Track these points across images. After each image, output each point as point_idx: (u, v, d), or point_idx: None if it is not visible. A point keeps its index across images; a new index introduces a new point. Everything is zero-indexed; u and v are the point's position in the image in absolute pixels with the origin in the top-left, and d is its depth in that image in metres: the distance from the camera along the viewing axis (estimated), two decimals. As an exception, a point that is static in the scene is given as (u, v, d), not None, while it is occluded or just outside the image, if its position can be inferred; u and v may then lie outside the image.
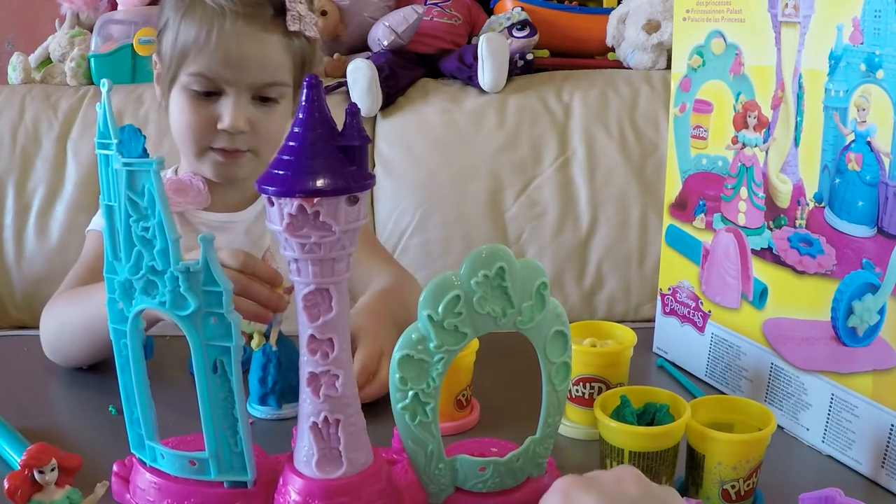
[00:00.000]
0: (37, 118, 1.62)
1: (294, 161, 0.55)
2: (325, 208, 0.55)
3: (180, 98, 1.03)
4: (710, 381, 0.93)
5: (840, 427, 0.76)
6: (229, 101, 1.01)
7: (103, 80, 0.59)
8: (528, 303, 0.58)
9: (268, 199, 0.56)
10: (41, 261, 1.57)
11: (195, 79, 1.01)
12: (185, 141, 1.04)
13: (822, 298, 0.77)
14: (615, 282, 1.60)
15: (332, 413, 0.59)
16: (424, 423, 0.59)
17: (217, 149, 1.03)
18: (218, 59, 0.99)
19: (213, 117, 1.02)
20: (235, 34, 0.98)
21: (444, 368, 0.58)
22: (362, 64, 1.60)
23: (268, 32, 1.00)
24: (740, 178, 0.86)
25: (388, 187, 1.61)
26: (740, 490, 0.66)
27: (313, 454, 0.60)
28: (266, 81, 1.02)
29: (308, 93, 0.56)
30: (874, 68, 0.70)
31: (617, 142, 1.61)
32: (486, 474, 0.62)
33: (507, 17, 1.74)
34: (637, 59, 1.72)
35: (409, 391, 0.58)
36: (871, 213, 0.72)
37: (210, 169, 1.05)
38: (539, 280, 0.58)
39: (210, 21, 0.99)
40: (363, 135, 0.56)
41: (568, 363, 0.63)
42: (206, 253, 0.57)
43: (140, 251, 0.59)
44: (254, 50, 1.00)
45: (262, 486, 0.62)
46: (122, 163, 0.58)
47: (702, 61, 0.90)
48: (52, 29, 1.83)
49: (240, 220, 1.11)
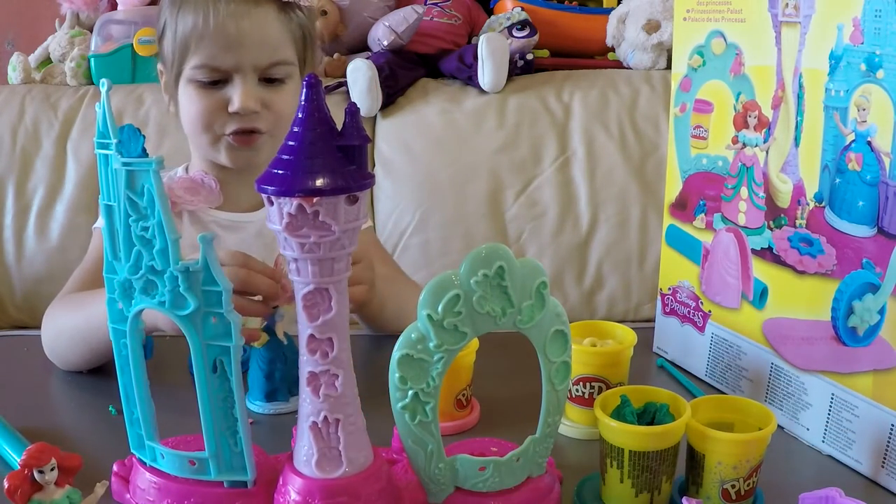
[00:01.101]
0: (37, 118, 1.62)
1: (293, 160, 0.55)
2: (324, 208, 0.55)
3: (188, 91, 1.03)
4: (710, 381, 0.93)
5: (840, 427, 0.76)
6: (237, 85, 1.01)
7: (103, 80, 0.59)
8: (527, 302, 0.58)
9: (267, 199, 0.56)
10: (41, 261, 1.57)
11: (200, 70, 1.01)
12: (198, 131, 1.04)
13: (823, 298, 0.77)
14: (615, 282, 1.60)
15: (331, 413, 0.59)
16: (424, 422, 0.59)
17: (231, 134, 1.02)
18: (219, 44, 0.99)
19: (223, 102, 1.01)
20: (231, 15, 0.99)
21: (444, 368, 0.58)
22: (362, 64, 1.60)
23: (262, 8, 1.01)
24: (740, 177, 0.86)
25: (388, 187, 1.61)
26: (740, 489, 0.66)
27: (313, 454, 0.60)
28: (270, 61, 1.02)
29: (307, 92, 0.56)
30: (874, 68, 0.70)
31: (617, 142, 1.61)
32: (485, 474, 0.62)
33: (507, 17, 1.74)
34: (637, 59, 1.72)
35: (409, 390, 0.58)
36: (871, 213, 0.72)
37: (226, 156, 1.05)
38: (539, 279, 0.58)
39: (205, 7, 0.99)
40: (363, 134, 0.56)
41: (568, 363, 0.63)
42: (205, 253, 0.57)
43: (140, 251, 0.59)
44: (251, 27, 1.00)
45: (262, 486, 0.62)
46: (122, 162, 0.58)
47: (702, 61, 0.90)
48: (52, 29, 1.83)
49: (253, 220, 1.11)
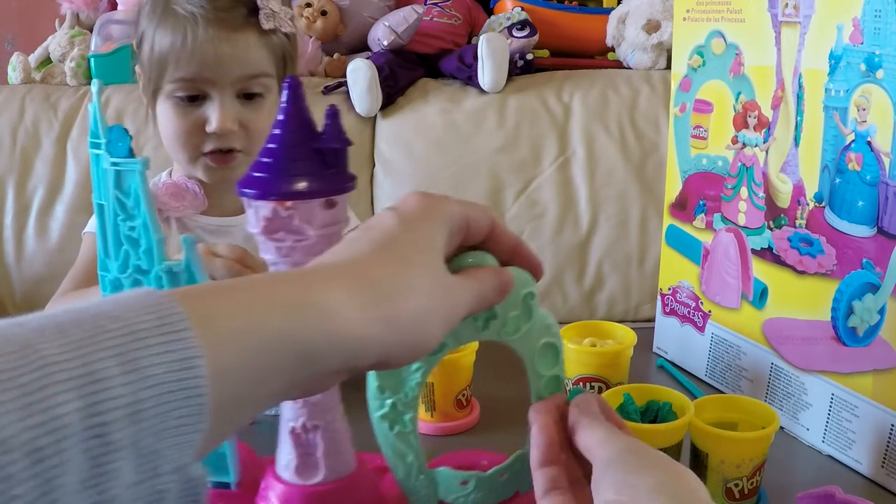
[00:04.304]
0: (37, 118, 1.62)
1: (270, 163, 0.54)
2: (299, 212, 0.53)
3: (166, 106, 1.03)
4: (711, 381, 0.93)
5: (840, 427, 0.76)
6: (215, 103, 1.01)
7: (94, 80, 0.59)
8: (513, 312, 0.55)
9: (245, 202, 0.55)
10: (41, 261, 1.57)
11: (177, 85, 1.01)
12: (177, 149, 1.04)
13: (823, 298, 0.77)
14: (615, 282, 1.60)
15: (310, 419, 0.58)
16: (403, 433, 0.56)
17: (208, 153, 1.03)
18: (196, 63, 0.99)
19: (200, 121, 1.02)
20: (210, 40, 0.98)
21: (423, 378, 0.55)
22: (362, 64, 1.60)
23: (243, 33, 1.00)
24: (740, 177, 0.86)
25: (388, 187, 1.61)
26: (744, 488, 0.66)
27: (292, 459, 0.59)
28: (248, 74, 1.01)
29: (288, 94, 0.54)
30: (874, 68, 0.70)
31: (617, 142, 1.61)
32: (468, 488, 0.59)
33: (507, 16, 1.74)
34: (637, 59, 1.72)
35: (387, 399, 0.55)
36: (871, 213, 0.72)
37: (204, 173, 1.06)
38: (526, 289, 0.54)
39: (183, 28, 0.99)
40: (343, 137, 0.54)
41: (559, 377, 0.59)
42: (188, 254, 0.57)
43: (127, 250, 0.59)
44: (231, 51, 0.99)
45: (246, 488, 0.62)
46: (111, 162, 0.58)
47: (702, 61, 0.90)
48: (52, 29, 1.83)
49: (239, 224, 1.11)
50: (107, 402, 0.31)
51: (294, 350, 0.37)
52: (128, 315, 0.33)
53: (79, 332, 0.32)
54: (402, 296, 0.42)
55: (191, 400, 0.33)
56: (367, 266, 0.42)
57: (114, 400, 0.31)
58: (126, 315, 0.33)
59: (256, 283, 0.39)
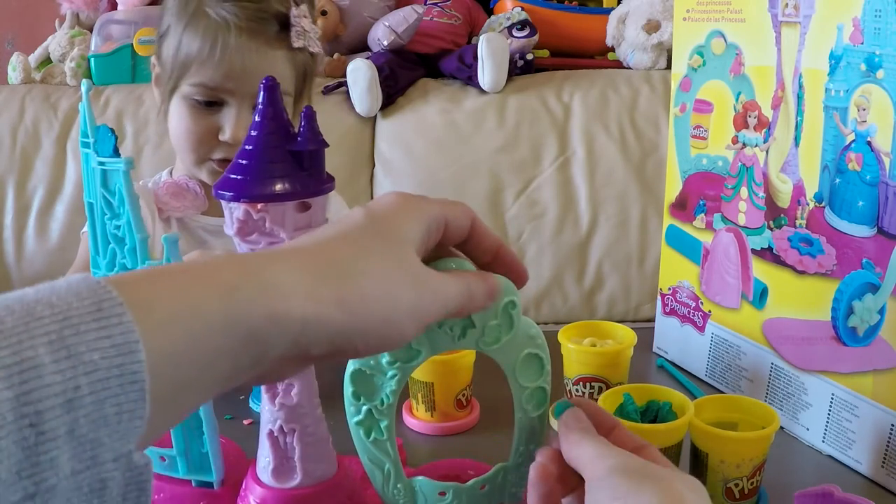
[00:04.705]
0: (37, 118, 1.62)
1: (245, 165, 0.53)
2: (270, 214, 0.53)
3: (181, 107, 1.02)
4: (711, 381, 0.93)
5: (840, 427, 0.76)
6: (231, 112, 1.00)
7: (83, 80, 0.60)
8: (492, 322, 0.53)
9: (223, 204, 0.54)
10: (41, 261, 1.57)
11: (197, 89, 1.00)
12: (185, 150, 1.04)
13: (823, 298, 0.77)
14: (615, 282, 1.60)
15: (287, 422, 0.58)
16: (379, 440, 0.55)
17: (216, 160, 1.03)
18: (221, 72, 0.98)
19: (214, 128, 1.01)
20: (239, 49, 0.97)
21: (399, 385, 0.54)
22: (362, 64, 1.60)
23: (272, 48, 1.00)
24: (740, 177, 0.86)
25: (388, 187, 1.61)
26: (744, 488, 0.66)
27: (270, 462, 0.59)
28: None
29: (264, 95, 0.54)
30: (874, 68, 0.70)
31: (617, 142, 1.61)
32: (446, 499, 0.58)
33: (507, 16, 1.74)
34: (637, 59, 1.72)
35: (363, 406, 0.54)
36: (871, 213, 0.72)
37: (208, 176, 1.05)
38: (507, 298, 0.52)
39: (214, 34, 0.98)
40: (319, 139, 0.54)
41: (544, 388, 0.57)
42: (168, 254, 0.56)
43: (114, 249, 0.60)
44: (257, 64, 0.99)
45: (229, 488, 0.62)
46: (97, 161, 0.58)
47: (702, 61, 0.90)
48: (52, 29, 1.83)
49: None
50: (39, 389, 0.30)
51: (237, 332, 0.36)
52: (62, 301, 0.32)
53: (10, 320, 0.31)
54: (359, 278, 0.40)
55: (129, 386, 0.32)
56: (324, 249, 0.41)
57: (47, 388, 0.30)
58: (60, 301, 0.32)
59: (200, 266, 0.38)
